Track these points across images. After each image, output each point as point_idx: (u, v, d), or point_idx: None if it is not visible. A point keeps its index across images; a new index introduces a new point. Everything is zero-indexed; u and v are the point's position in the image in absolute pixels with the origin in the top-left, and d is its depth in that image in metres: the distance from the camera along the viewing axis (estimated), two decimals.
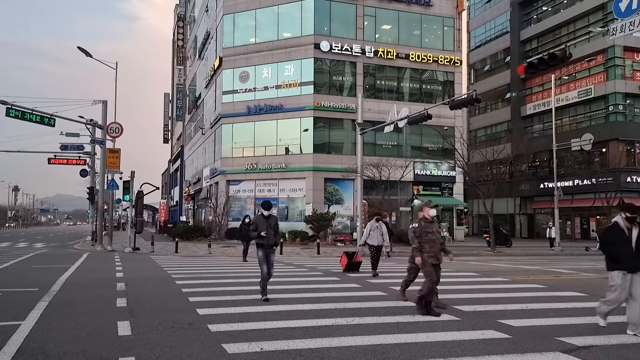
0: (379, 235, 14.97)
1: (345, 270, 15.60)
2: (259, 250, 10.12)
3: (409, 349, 6.56)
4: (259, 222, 10.13)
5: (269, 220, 10.16)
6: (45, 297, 10.59)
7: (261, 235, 9.95)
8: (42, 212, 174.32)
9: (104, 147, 29.24)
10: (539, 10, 50.54)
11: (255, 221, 10.36)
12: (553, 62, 16.01)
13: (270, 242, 10.11)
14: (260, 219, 10.22)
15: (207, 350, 6.43)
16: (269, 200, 10.48)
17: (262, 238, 10.01)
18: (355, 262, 15.82)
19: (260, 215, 10.29)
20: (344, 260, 15.77)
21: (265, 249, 10.07)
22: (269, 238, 10.03)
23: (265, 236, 9.96)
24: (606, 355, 6.45)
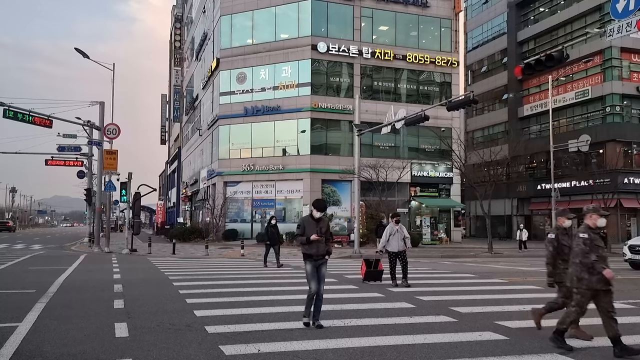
0: (399, 240, 13.15)
1: (366, 279, 13.69)
2: (307, 262, 8.08)
3: (406, 351, 6.56)
4: (308, 225, 8.10)
5: (320, 223, 8.13)
6: (42, 299, 10.56)
7: (310, 241, 7.97)
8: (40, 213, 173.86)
9: (101, 148, 29.21)
10: (536, 12, 50.63)
11: (302, 224, 8.19)
12: (550, 63, 16.04)
13: (321, 251, 8.07)
14: (308, 221, 8.14)
15: (204, 352, 6.42)
16: (322, 199, 8.79)
17: (311, 245, 8.01)
18: (376, 270, 13.76)
19: (309, 217, 8.20)
20: (363, 268, 13.90)
21: (314, 260, 8.03)
22: (318, 246, 8.03)
23: (316, 241, 7.98)
24: (603, 357, 6.47)
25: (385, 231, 13.41)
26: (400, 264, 13.04)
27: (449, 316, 8.97)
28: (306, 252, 8.09)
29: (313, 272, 8.07)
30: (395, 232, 13.09)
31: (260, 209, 39.34)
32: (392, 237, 13.10)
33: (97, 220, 31.39)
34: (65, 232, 77.49)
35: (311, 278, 8.05)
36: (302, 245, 8.11)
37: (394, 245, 13.10)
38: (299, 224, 8.26)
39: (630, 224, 42.27)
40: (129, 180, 30.14)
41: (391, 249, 13.15)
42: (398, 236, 13.07)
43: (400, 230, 13.17)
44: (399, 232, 13.11)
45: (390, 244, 13.13)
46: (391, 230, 13.16)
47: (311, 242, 8.00)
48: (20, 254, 25.32)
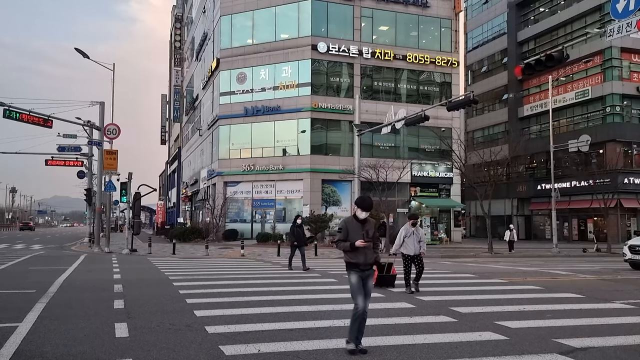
0: (415, 243, 12.11)
1: (377, 284, 11.42)
2: (351, 273, 6.70)
3: (407, 351, 6.57)
4: (352, 228, 6.69)
5: (366, 226, 6.70)
6: (42, 299, 10.56)
7: (355, 247, 6.54)
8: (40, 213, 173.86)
9: (101, 148, 29.21)
10: (536, 12, 50.64)
11: (344, 227, 6.77)
12: (550, 63, 16.06)
13: (369, 260, 6.71)
14: (352, 223, 6.74)
15: (204, 352, 6.42)
16: (368, 196, 7.17)
17: (357, 253, 6.61)
18: (389, 275, 12.73)
19: (352, 218, 6.80)
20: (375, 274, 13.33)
21: (361, 270, 6.66)
22: (366, 253, 6.64)
23: (362, 248, 6.58)
24: (604, 357, 6.46)
25: (400, 233, 12.40)
26: (416, 268, 12.21)
27: (449, 316, 8.97)
28: (350, 261, 6.71)
29: (359, 284, 6.70)
30: (411, 233, 12.13)
31: (260, 209, 39.35)
32: (407, 239, 12.12)
33: (97, 220, 31.39)
34: (65, 232, 77.51)
35: (357, 292, 6.70)
36: (345, 253, 6.76)
37: (410, 247, 12.09)
38: (341, 226, 6.84)
39: (630, 224, 42.28)
40: (129, 180, 30.14)
41: (407, 251, 12.14)
42: (414, 238, 12.13)
43: (416, 232, 12.25)
44: (415, 234, 12.19)
45: (407, 247, 12.14)
46: (407, 232, 12.14)
47: (357, 249, 6.59)
48: (21, 254, 25.32)
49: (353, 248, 6.60)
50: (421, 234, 12.38)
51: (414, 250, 12.07)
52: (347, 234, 6.70)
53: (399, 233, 12.39)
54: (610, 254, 29.39)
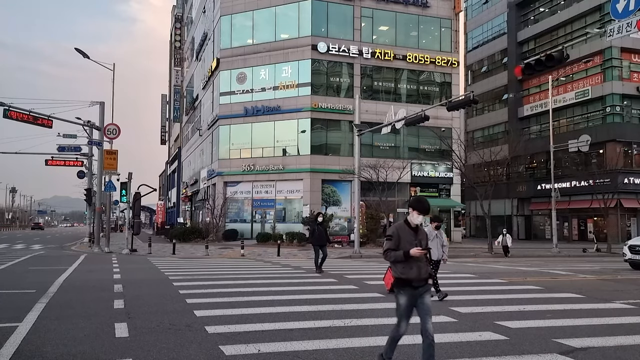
0: (439, 247, 11.33)
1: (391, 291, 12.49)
2: (401, 291, 5.59)
3: (406, 351, 6.57)
4: (404, 234, 5.64)
5: (419, 234, 5.70)
6: (42, 299, 10.56)
7: (409, 256, 5.44)
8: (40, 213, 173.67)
9: (101, 148, 29.21)
10: (536, 12, 50.65)
11: (395, 234, 5.67)
12: (550, 63, 16.04)
13: (423, 274, 5.59)
14: (404, 230, 5.67)
15: (204, 352, 6.42)
16: (424, 198, 6.02)
17: (410, 265, 5.51)
18: None
19: (404, 224, 5.74)
20: (389, 278, 10.80)
21: (414, 287, 5.53)
22: (420, 266, 5.54)
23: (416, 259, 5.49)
24: (604, 357, 6.46)
25: None
26: (436, 273, 11.40)
27: (449, 316, 8.97)
28: (401, 277, 5.57)
29: (409, 308, 5.59)
30: (434, 237, 11.20)
31: (260, 209, 39.36)
32: (430, 242, 10.67)
33: (97, 220, 31.39)
34: (65, 232, 77.51)
35: (404, 315, 5.61)
36: (395, 265, 5.61)
37: (433, 252, 10.82)
38: (391, 233, 5.69)
39: (630, 224, 42.28)
40: (129, 180, 30.13)
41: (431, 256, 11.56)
42: (437, 242, 11.29)
43: (439, 235, 11.45)
44: (438, 238, 11.38)
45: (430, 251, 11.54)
46: (430, 235, 10.90)
47: (410, 260, 5.50)
48: (21, 254, 25.32)
49: (407, 257, 5.48)
50: (444, 237, 11.67)
51: (437, 254, 11.24)
52: (399, 242, 5.60)
53: None
54: (610, 254, 29.39)
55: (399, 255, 5.51)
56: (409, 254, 5.44)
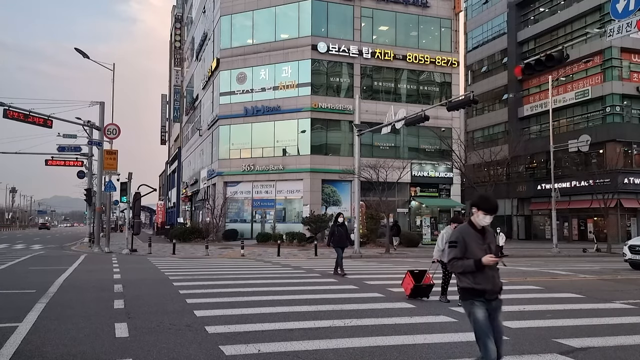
0: None
1: (411, 296, 11.00)
2: (474, 305, 4.82)
3: (407, 351, 6.57)
4: (470, 239, 4.83)
5: (487, 237, 4.91)
6: (42, 299, 10.56)
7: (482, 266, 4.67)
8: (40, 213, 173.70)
9: (101, 148, 29.20)
10: (536, 12, 50.63)
11: (459, 238, 4.86)
12: (550, 63, 16.04)
13: (498, 285, 4.94)
14: (469, 234, 4.87)
15: (204, 352, 6.42)
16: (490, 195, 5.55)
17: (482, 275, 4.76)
18: (424, 285, 11.12)
19: (468, 226, 4.95)
20: (408, 283, 11.12)
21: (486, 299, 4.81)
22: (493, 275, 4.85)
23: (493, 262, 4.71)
24: (604, 357, 6.46)
25: (440, 237, 11.10)
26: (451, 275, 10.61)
27: (449, 316, 8.97)
28: (472, 287, 4.78)
29: (486, 321, 4.86)
30: None
31: (260, 209, 39.36)
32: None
33: (97, 220, 31.38)
34: (65, 232, 77.52)
35: (487, 332, 4.88)
36: (463, 276, 4.83)
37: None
38: (455, 239, 4.90)
39: (630, 224, 42.27)
40: (129, 180, 30.14)
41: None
42: None
43: None
44: None
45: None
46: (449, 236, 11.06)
47: (482, 269, 4.71)
48: (21, 254, 25.31)
49: (479, 267, 4.70)
50: None
51: None
52: (465, 248, 4.82)
53: (440, 237, 11.13)
54: (610, 254, 29.38)
55: (468, 266, 4.74)
56: (481, 263, 4.68)
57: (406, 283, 11.18)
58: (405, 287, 11.20)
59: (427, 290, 11.17)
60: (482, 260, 4.69)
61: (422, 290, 11.11)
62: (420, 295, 11.06)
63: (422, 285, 11.08)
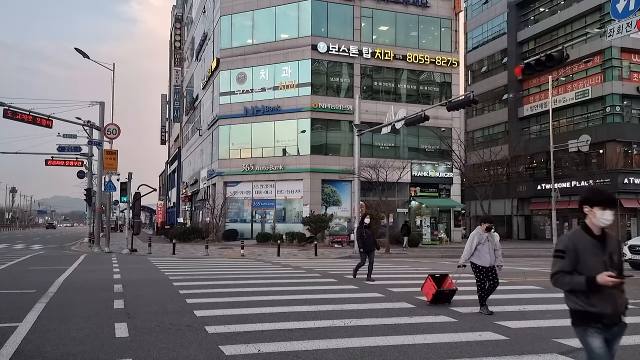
0: (491, 252, 9.79)
1: (433, 301, 10.23)
2: (589, 332, 3.77)
3: (407, 351, 6.56)
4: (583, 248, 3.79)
5: (609, 244, 3.87)
6: (42, 299, 10.56)
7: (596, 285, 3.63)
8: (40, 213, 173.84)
9: (101, 148, 29.21)
10: (536, 12, 50.63)
11: (568, 246, 3.81)
12: (550, 63, 16.05)
13: (621, 307, 3.83)
14: (583, 240, 3.83)
15: (204, 352, 6.42)
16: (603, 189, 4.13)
17: (602, 295, 3.71)
18: (447, 290, 10.46)
19: (581, 231, 3.89)
20: (429, 288, 10.37)
21: (604, 324, 3.74)
22: (614, 295, 3.75)
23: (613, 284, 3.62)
24: None
25: (471, 239, 9.97)
26: (490, 282, 9.76)
27: (449, 316, 8.97)
28: (585, 309, 3.75)
29: (606, 352, 3.78)
30: (485, 241, 9.84)
31: (260, 209, 39.36)
32: (481, 246, 9.82)
33: (97, 220, 31.39)
34: (65, 232, 77.51)
35: None
36: (574, 296, 3.80)
37: (484, 257, 9.73)
38: (563, 248, 3.83)
39: (630, 224, 42.28)
40: (129, 180, 30.15)
41: (481, 262, 9.75)
42: (489, 246, 9.83)
43: (491, 239, 9.98)
44: (491, 241, 9.92)
45: (480, 256, 9.78)
46: (480, 239, 9.84)
47: (597, 289, 3.66)
48: (20, 254, 25.32)
49: (593, 287, 3.66)
50: (497, 241, 10.12)
51: (490, 260, 9.74)
52: (576, 259, 3.77)
53: (470, 239, 10.04)
54: None
55: (578, 284, 3.70)
56: (596, 282, 3.62)
57: (427, 288, 10.39)
58: (426, 292, 10.42)
59: (449, 296, 10.49)
60: (597, 279, 3.61)
61: (445, 296, 10.41)
62: (442, 301, 10.31)
63: (445, 291, 10.38)
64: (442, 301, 10.29)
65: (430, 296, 10.25)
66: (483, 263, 9.68)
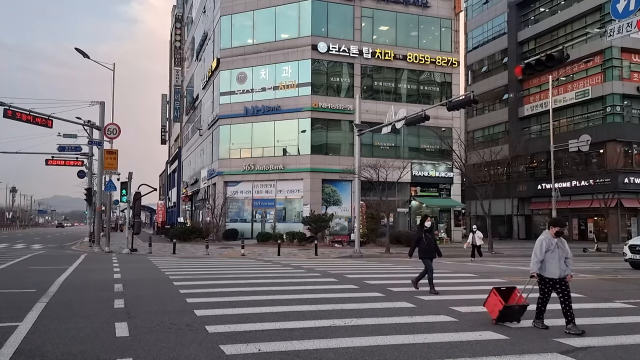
0: (561, 261, 8.12)
1: (499, 319, 8.53)
2: None
3: (407, 350, 6.56)
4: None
5: None
6: (43, 299, 10.56)
7: None
8: (40, 213, 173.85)
9: (101, 148, 29.20)
10: (537, 12, 50.60)
11: None
12: (550, 63, 16.03)
13: None
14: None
15: (204, 351, 6.42)
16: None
17: None
18: (517, 306, 8.71)
19: None
20: (495, 304, 8.68)
21: None
22: None
23: None
24: (604, 356, 6.46)
25: (539, 245, 8.28)
26: (559, 297, 8.13)
27: (449, 316, 8.97)
28: None
29: None
30: (554, 247, 8.17)
31: (261, 209, 39.35)
32: (550, 254, 8.15)
33: (97, 220, 31.39)
34: (65, 232, 77.52)
35: None
36: None
37: (553, 267, 8.10)
38: None
39: (630, 223, 42.27)
40: (129, 180, 30.15)
41: (549, 273, 8.15)
42: (559, 254, 8.14)
43: (561, 245, 8.26)
44: (561, 248, 8.21)
45: (548, 266, 8.16)
46: (549, 245, 8.20)
47: None
48: (21, 254, 25.32)
49: None
50: (567, 247, 8.36)
51: (559, 271, 8.06)
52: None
53: (538, 244, 8.32)
54: (611, 254, 29.38)
55: None
56: None
57: (492, 304, 8.69)
58: (491, 310, 8.71)
59: (519, 313, 8.70)
60: None
61: (514, 313, 8.66)
62: (510, 319, 8.63)
63: (515, 307, 8.65)
64: (510, 319, 8.63)
65: (497, 313, 8.54)
66: (551, 274, 8.09)
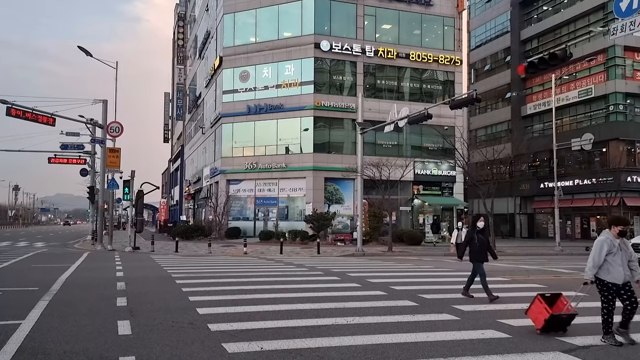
0: (624, 264, 7.14)
1: (545, 329, 7.59)
2: None
3: (409, 349, 6.56)
4: None
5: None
6: (45, 297, 10.59)
7: None
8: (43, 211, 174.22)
9: (104, 146, 29.23)
10: (540, 10, 50.49)
11: None
12: (553, 61, 16.01)
13: None
14: None
15: (207, 349, 6.43)
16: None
17: None
18: (565, 315, 7.74)
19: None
20: (540, 312, 7.72)
21: None
22: None
23: None
24: (606, 355, 6.46)
25: (598, 247, 7.21)
26: (623, 303, 7.13)
27: (451, 314, 8.97)
28: None
29: None
30: (617, 250, 7.14)
31: (263, 207, 39.37)
32: (612, 257, 7.13)
33: (100, 218, 31.44)
34: (68, 230, 77.67)
35: None
36: None
37: (616, 272, 7.08)
38: None
39: (633, 222, 42.18)
40: (132, 178, 30.18)
41: (612, 278, 7.10)
42: (622, 256, 7.14)
43: (624, 246, 7.25)
44: (624, 251, 7.21)
45: (610, 270, 7.14)
46: (610, 247, 7.17)
47: None
48: (23, 252, 25.38)
49: None
50: (631, 249, 7.37)
51: (623, 276, 7.05)
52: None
53: (597, 246, 7.24)
54: None
55: None
56: None
57: (537, 312, 7.80)
58: (535, 319, 7.85)
59: (566, 322, 7.81)
60: None
61: (561, 322, 7.74)
62: (557, 329, 7.68)
63: (562, 315, 7.71)
64: (557, 328, 7.70)
65: (542, 322, 7.65)
66: (615, 279, 7.06)
